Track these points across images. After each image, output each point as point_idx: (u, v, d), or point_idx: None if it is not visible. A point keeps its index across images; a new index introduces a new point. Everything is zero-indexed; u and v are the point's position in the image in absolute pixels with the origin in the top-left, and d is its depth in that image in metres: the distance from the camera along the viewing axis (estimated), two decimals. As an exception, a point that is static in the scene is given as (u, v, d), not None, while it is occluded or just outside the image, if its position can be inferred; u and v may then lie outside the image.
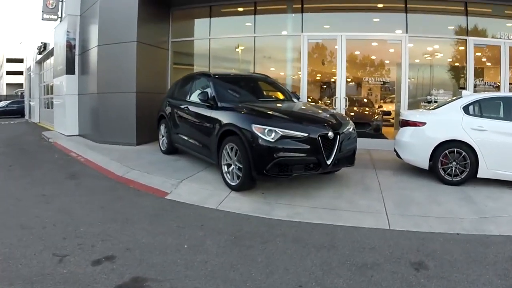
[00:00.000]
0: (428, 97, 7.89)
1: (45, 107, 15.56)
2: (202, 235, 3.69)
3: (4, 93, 44.86)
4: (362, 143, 7.86)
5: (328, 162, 4.58)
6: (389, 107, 9.05)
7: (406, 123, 5.69)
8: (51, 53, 12.92)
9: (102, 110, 9.32)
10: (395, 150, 5.93)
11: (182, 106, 6.51)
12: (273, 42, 9.24)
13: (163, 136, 7.59)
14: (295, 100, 6.16)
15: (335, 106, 8.08)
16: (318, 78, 9.62)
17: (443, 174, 5.18)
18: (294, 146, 4.42)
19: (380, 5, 8.03)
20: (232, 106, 5.20)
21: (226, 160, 4.99)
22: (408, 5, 7.69)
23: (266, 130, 4.37)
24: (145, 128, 8.69)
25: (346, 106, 8.10)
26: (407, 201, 4.49)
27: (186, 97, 6.54)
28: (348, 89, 8.43)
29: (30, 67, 18.16)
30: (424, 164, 5.33)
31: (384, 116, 8.93)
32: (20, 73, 36.69)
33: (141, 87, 8.78)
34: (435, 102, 7.61)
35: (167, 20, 9.82)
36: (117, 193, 5.20)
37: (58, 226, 3.89)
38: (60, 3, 10.86)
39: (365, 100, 9.52)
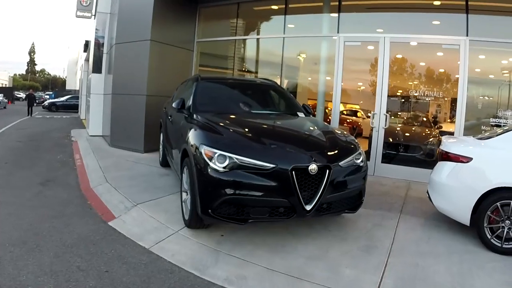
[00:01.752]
0: (492, 119, 6.01)
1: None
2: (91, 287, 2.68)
3: (78, 88, 48.64)
4: (405, 173, 6.36)
5: (308, 207, 3.25)
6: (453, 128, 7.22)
7: (446, 156, 4.09)
8: (91, 52, 13.03)
9: (115, 112, 8.90)
10: (427, 193, 4.36)
11: (169, 114, 5.60)
12: (304, 44, 8.03)
13: (160, 146, 6.78)
14: (300, 114, 4.85)
15: (373, 124, 6.60)
16: (356, 88, 8.17)
17: (489, 236, 3.52)
18: (254, 180, 3.15)
19: (436, 3, 6.38)
20: (202, 118, 4.09)
21: (184, 187, 3.91)
22: (469, 2, 5.95)
23: (216, 155, 3.20)
24: (157, 135, 7.95)
25: (386, 124, 6.55)
26: (420, 278, 2.96)
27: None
28: (392, 103, 6.89)
29: (82, 64, 18.89)
30: (464, 217, 3.70)
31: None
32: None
33: (154, 90, 8.09)
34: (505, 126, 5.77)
35: (193, 18, 9.06)
36: (64, 210, 4.53)
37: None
38: (94, 0, 10.74)
39: (420, 117, 7.74)
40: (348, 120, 9.88)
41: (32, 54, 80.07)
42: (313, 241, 3.59)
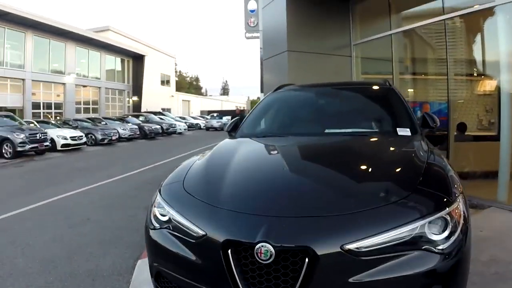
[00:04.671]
0: None
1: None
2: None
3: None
4: None
5: None
6: None
7: None
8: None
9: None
10: None
11: None
12: (471, 23, 5.90)
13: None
14: (402, 132, 3.20)
15: None
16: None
17: None
18: (181, 251, 2.00)
19: None
20: None
21: None
22: None
23: (157, 202, 2.31)
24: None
25: None
26: None
27: None
28: None
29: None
30: None
31: None
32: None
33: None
34: None
35: (345, 19, 8.12)
36: (125, 237, 4.60)
37: None
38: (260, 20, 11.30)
39: None
40: None
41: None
42: None
